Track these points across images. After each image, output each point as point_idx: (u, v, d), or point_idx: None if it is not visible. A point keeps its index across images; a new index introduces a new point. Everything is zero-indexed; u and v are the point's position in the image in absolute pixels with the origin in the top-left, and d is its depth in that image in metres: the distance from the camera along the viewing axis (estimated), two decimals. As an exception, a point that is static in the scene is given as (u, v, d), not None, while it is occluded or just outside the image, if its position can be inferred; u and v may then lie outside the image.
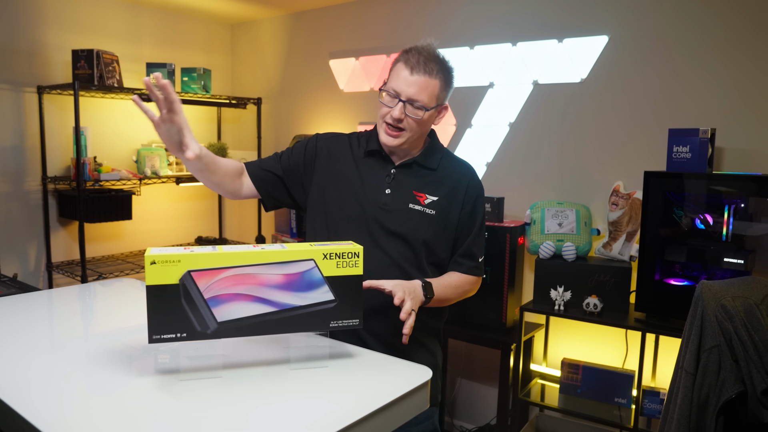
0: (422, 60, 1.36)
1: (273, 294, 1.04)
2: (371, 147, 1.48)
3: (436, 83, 1.38)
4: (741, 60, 2.21)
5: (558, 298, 2.38)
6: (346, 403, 0.97)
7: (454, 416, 3.04)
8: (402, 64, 1.38)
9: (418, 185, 1.45)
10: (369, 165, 1.47)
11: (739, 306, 1.36)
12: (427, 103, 1.37)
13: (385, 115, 1.40)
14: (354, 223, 1.43)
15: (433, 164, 1.48)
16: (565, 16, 2.60)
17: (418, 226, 1.42)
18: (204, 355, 1.07)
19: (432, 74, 1.36)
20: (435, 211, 1.43)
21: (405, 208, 1.42)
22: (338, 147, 1.51)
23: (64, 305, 1.59)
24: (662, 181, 2.17)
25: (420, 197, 1.44)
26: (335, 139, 1.54)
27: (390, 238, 1.41)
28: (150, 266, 0.98)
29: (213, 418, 0.91)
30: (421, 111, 1.37)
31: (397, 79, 1.37)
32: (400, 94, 1.36)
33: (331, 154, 1.50)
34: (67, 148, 3.14)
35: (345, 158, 1.49)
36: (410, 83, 1.35)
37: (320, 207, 1.48)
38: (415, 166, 1.47)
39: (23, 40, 2.97)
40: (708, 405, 1.38)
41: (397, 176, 1.45)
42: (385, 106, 1.40)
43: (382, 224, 1.42)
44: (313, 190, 1.49)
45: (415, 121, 1.38)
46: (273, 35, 3.74)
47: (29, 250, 3.07)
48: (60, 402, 0.94)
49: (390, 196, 1.43)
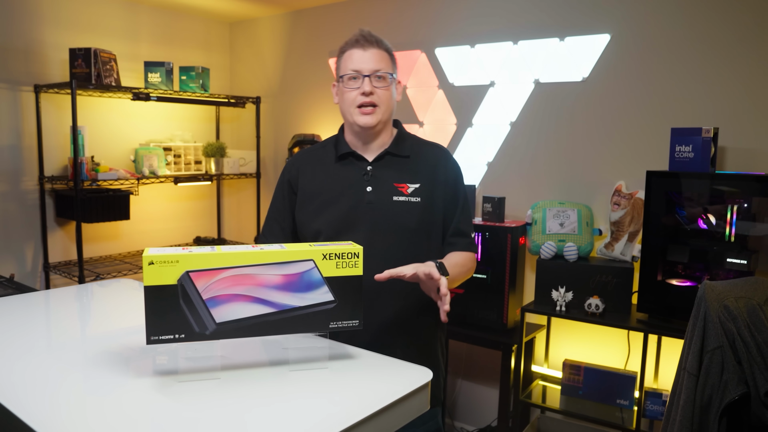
0: (369, 37, 1.43)
1: (272, 294, 1.04)
2: (342, 150, 1.49)
3: (386, 55, 1.45)
4: (744, 58, 2.20)
5: (559, 299, 2.37)
6: (346, 405, 0.96)
7: (454, 418, 3.03)
8: (350, 50, 1.44)
9: (397, 176, 1.46)
10: (343, 168, 1.49)
11: (742, 307, 1.35)
12: (388, 70, 1.44)
13: (354, 98, 1.42)
14: (342, 227, 1.43)
15: (406, 151, 1.49)
16: (567, 15, 2.59)
17: (407, 216, 1.43)
18: (203, 357, 1.07)
19: (380, 46, 1.44)
20: (420, 198, 1.45)
21: (390, 201, 1.44)
22: (306, 164, 1.53)
23: (62, 306, 1.59)
24: (665, 180, 2.16)
25: (402, 188, 1.45)
26: (300, 158, 1.55)
27: (382, 234, 1.42)
28: (148, 267, 0.97)
29: (212, 419, 0.90)
30: (386, 80, 1.43)
31: (351, 62, 1.43)
32: (362, 71, 1.41)
33: (303, 173, 1.51)
34: (64, 147, 3.13)
35: (316, 171, 1.51)
36: (367, 58, 1.41)
37: (307, 222, 1.48)
38: (389, 156, 1.48)
39: (20, 38, 2.95)
40: (711, 407, 1.37)
41: (374, 172, 1.46)
42: (350, 90, 1.43)
43: (370, 222, 1.43)
44: (298, 210, 1.51)
45: (384, 91, 1.43)
46: (272, 34, 3.73)
47: (26, 250, 3.06)
48: (57, 403, 0.94)
49: (373, 193, 1.44)
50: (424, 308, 1.48)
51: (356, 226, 1.42)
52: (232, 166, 3.57)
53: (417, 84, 3.08)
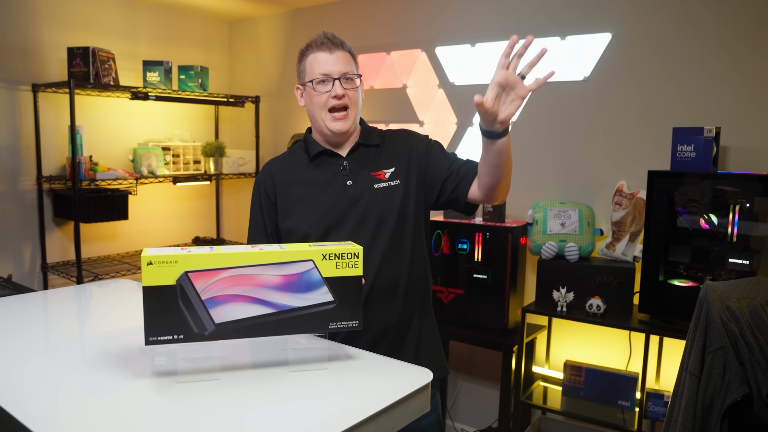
0: (334, 39, 1.44)
1: (271, 295, 1.03)
2: (315, 150, 1.48)
3: (350, 56, 1.46)
4: (746, 57, 2.19)
5: (560, 299, 2.36)
6: (346, 406, 0.96)
7: (454, 419, 3.02)
8: (316, 53, 1.43)
9: (372, 165, 1.48)
10: (319, 168, 1.48)
11: (745, 307, 1.33)
12: (355, 71, 1.46)
13: (326, 101, 1.42)
14: (331, 226, 1.43)
15: (375, 140, 1.51)
16: (568, 14, 2.58)
17: (391, 200, 1.44)
18: (201, 357, 1.07)
19: (344, 47, 1.45)
20: (399, 180, 1.46)
21: (372, 189, 1.44)
22: (279, 172, 1.51)
23: (60, 306, 1.59)
24: (666, 180, 2.15)
25: (379, 174, 1.47)
26: (271, 168, 1.53)
27: (371, 225, 1.43)
28: (146, 267, 0.97)
29: (211, 421, 0.90)
30: (354, 82, 1.44)
31: (318, 65, 1.42)
32: (331, 74, 1.41)
33: (279, 182, 1.50)
34: (62, 147, 3.11)
35: (291, 176, 1.49)
36: (335, 61, 1.42)
37: (293, 229, 1.46)
38: (361, 147, 1.49)
39: (18, 37, 2.94)
40: (713, 408, 1.35)
41: (350, 165, 1.47)
42: (319, 94, 1.42)
43: (358, 214, 1.43)
44: (281, 220, 1.49)
45: (353, 92, 1.44)
46: (272, 32, 3.72)
47: (24, 250, 3.05)
48: (55, 404, 0.94)
49: (354, 186, 1.45)
50: (424, 307, 1.50)
51: (343, 222, 1.43)
52: (231, 165, 3.56)
53: (417, 83, 3.07)
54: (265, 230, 1.51)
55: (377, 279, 1.41)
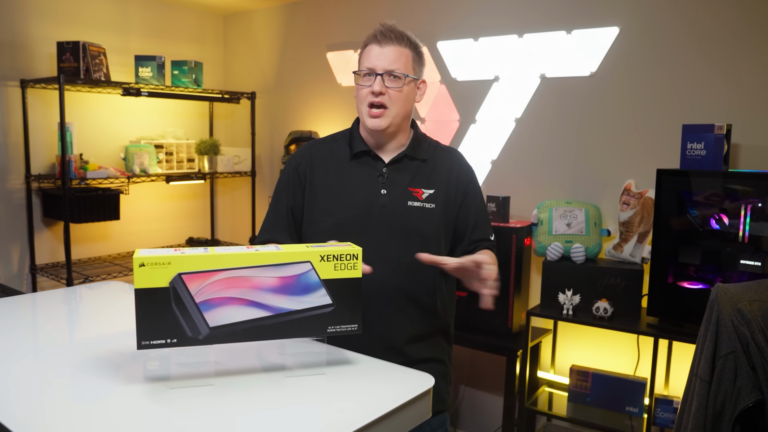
0: (388, 33, 1.39)
1: (268, 298, 1.03)
2: (358, 148, 1.46)
3: (408, 52, 1.40)
4: (759, 52, 2.18)
5: (566, 302, 2.34)
6: (345, 412, 0.95)
7: (458, 425, 3.01)
8: (370, 44, 1.41)
9: (412, 180, 1.44)
10: (358, 167, 1.46)
11: (756, 310, 1.33)
12: (404, 71, 1.39)
13: (365, 96, 1.39)
14: (354, 229, 1.40)
15: (423, 154, 1.47)
16: (574, 7, 2.56)
17: (420, 222, 1.42)
18: (195, 362, 1.06)
19: (402, 42, 1.39)
20: (434, 204, 1.43)
21: (405, 206, 1.42)
22: (318, 157, 1.49)
23: (49, 309, 1.58)
24: (676, 179, 2.15)
25: (416, 192, 1.44)
26: (311, 150, 1.50)
27: (394, 239, 1.40)
28: (139, 269, 0.97)
29: (205, 427, 0.90)
30: (399, 81, 1.38)
31: (367, 58, 1.40)
32: (375, 69, 1.38)
33: (315, 167, 1.47)
34: (51, 144, 3.10)
35: (328, 166, 1.47)
36: (382, 55, 1.38)
37: (317, 220, 1.45)
38: (406, 159, 1.46)
39: (5, 31, 2.92)
40: (723, 414, 1.35)
41: (389, 174, 1.44)
42: (363, 87, 1.40)
43: (383, 226, 1.40)
44: (307, 207, 1.47)
45: (396, 93, 1.38)
46: (268, 26, 3.69)
47: (12, 251, 3.03)
48: (42, 410, 0.93)
49: (386, 196, 1.42)
50: (429, 314, 1.50)
51: (368, 229, 1.40)
52: (226, 164, 3.55)
53: (417, 80, 3.03)
54: (285, 212, 1.47)
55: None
